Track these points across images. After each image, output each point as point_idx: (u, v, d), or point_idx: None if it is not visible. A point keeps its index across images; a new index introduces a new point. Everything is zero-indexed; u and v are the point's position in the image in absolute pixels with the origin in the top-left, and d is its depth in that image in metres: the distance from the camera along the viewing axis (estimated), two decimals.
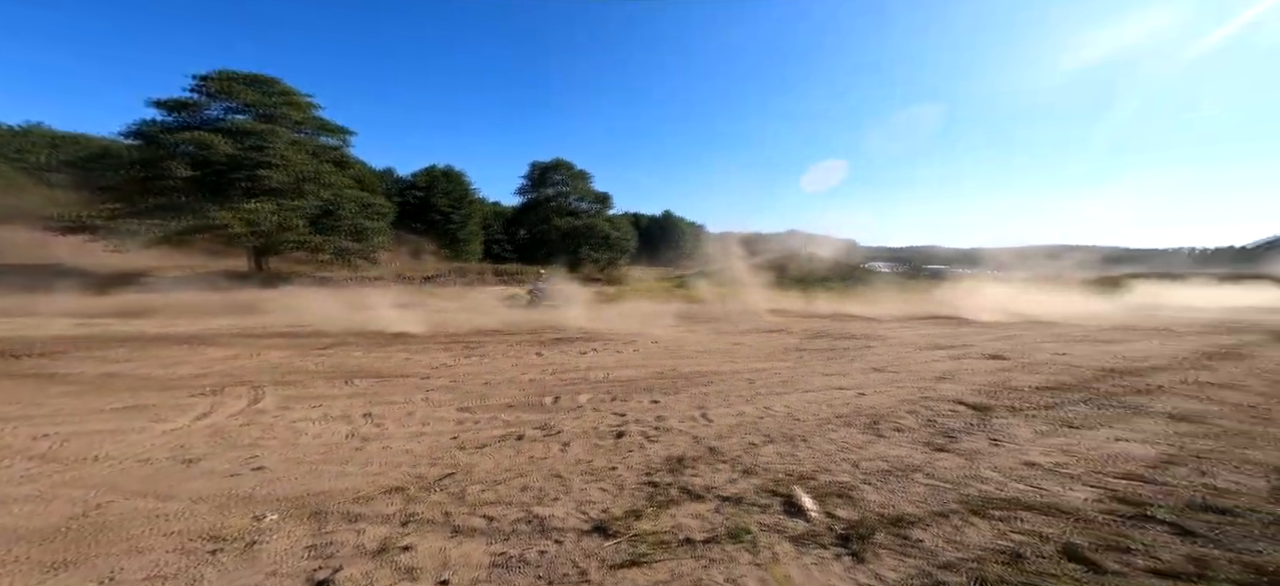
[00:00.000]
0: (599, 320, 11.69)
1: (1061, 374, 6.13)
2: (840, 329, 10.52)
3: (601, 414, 4.42)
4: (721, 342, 8.53)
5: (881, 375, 6.07)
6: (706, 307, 15.61)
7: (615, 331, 9.75)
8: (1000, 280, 23.84)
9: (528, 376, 5.83)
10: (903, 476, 3.13)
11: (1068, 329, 11.03)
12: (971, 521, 2.57)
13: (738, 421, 4.26)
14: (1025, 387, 5.40)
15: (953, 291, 19.73)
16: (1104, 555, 2.17)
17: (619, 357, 7.10)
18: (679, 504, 2.72)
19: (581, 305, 14.99)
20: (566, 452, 3.49)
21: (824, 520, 2.59)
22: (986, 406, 4.65)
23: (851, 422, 4.22)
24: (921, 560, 2.21)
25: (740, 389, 5.37)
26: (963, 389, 5.32)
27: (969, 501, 2.78)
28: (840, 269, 28.10)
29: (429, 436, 3.81)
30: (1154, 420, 4.27)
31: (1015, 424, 4.14)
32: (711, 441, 3.75)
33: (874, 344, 8.45)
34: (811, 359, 7.16)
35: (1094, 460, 3.39)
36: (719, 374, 6.10)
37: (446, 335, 9.04)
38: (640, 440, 3.77)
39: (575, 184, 37.93)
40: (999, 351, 7.72)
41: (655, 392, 5.16)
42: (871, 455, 3.51)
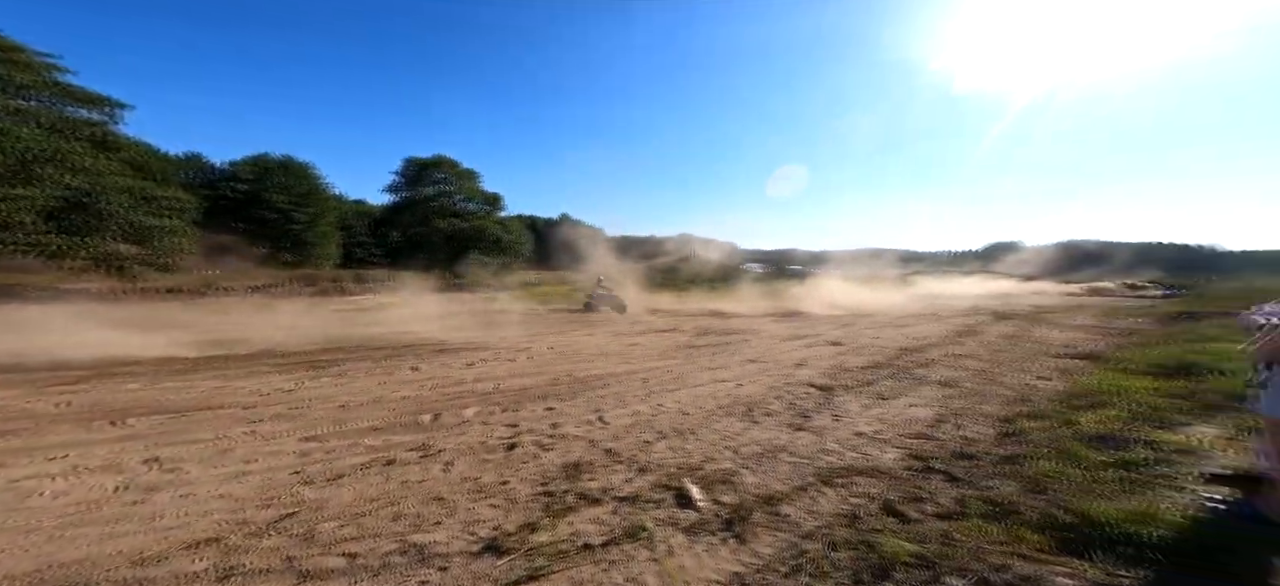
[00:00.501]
0: (491, 328, 10.83)
1: (877, 355, 7.41)
2: (723, 326, 11.25)
3: (491, 427, 4.07)
4: (618, 344, 8.56)
5: (755, 366, 6.72)
6: (589, 311, 14.99)
7: (507, 339, 9.07)
8: (839, 278, 28.01)
9: (400, 394, 5.07)
10: (772, 457, 3.48)
11: (880, 317, 13.42)
12: (824, 491, 2.96)
13: (633, 421, 4.33)
14: (855, 368, 6.43)
15: (805, 289, 22.67)
16: (908, 506, 2.65)
17: (511, 366, 6.62)
18: (576, 510, 2.65)
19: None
20: (450, 473, 3.13)
21: (712, 508, 2.77)
22: (830, 387, 5.42)
23: (732, 412, 4.57)
24: (789, 533, 2.47)
25: (635, 389, 5.47)
26: (814, 373, 6.13)
27: (821, 473, 3.20)
28: (723, 270, 30.47)
29: (257, 474, 3.10)
30: (931, 387, 5.39)
31: (849, 400, 4.90)
32: (608, 443, 3.74)
33: (750, 338, 9.30)
34: (699, 355, 7.62)
35: (897, 424, 4.14)
36: (615, 376, 6.14)
37: (283, 354, 7.40)
38: (534, 450, 3.58)
39: (461, 183, 33.48)
40: (837, 339, 9.06)
41: (550, 399, 4.97)
42: (748, 441, 3.84)
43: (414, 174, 33.50)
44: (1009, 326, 10.83)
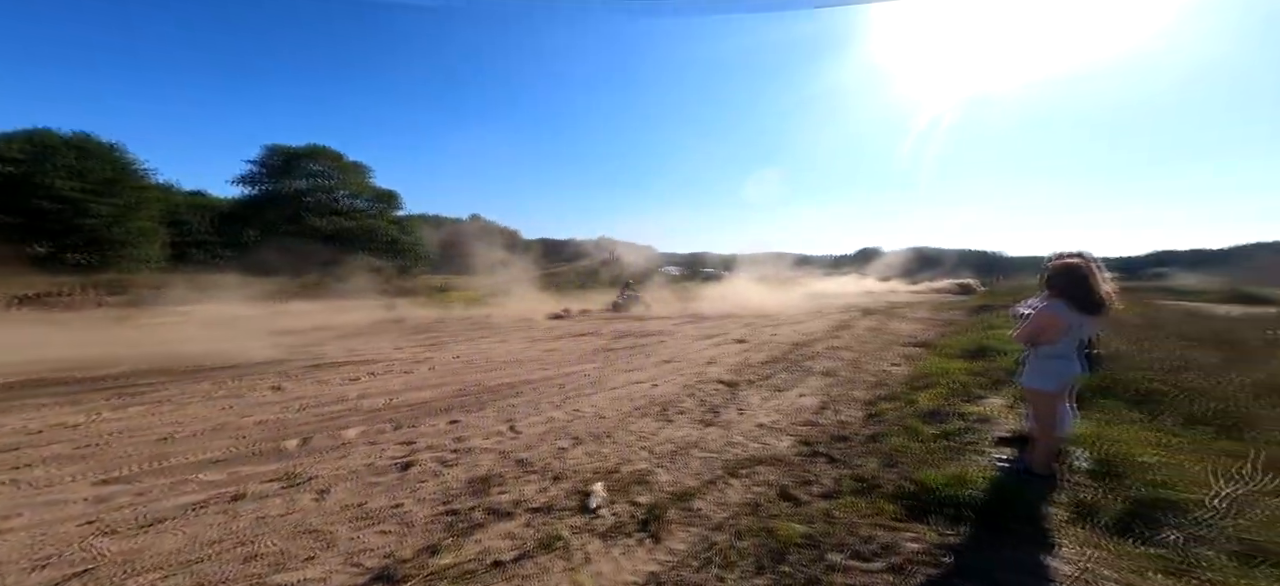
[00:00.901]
0: (382, 338, 9.68)
1: (775, 350, 8.26)
2: (641, 328, 11.49)
3: (380, 447, 3.71)
4: (535, 350, 8.29)
5: (670, 366, 7.02)
6: (492, 315, 14.05)
7: (405, 350, 8.20)
8: (746, 280, 30.42)
9: (253, 420, 4.34)
10: (685, 454, 3.68)
11: (778, 315, 14.96)
12: (731, 483, 3.21)
13: (547, 428, 4.25)
14: (757, 363, 7.09)
15: (717, 290, 24.24)
16: (799, 489, 3.01)
17: (407, 379, 6.01)
18: (484, 527, 2.53)
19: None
20: (325, 502, 2.79)
21: (628, 509, 2.83)
22: (736, 382, 5.90)
23: (647, 412, 4.72)
24: (701, 527, 2.64)
25: (551, 395, 5.37)
26: (722, 370, 6.61)
27: (728, 465, 3.46)
28: (641, 273, 31.19)
29: (21, 532, 2.50)
30: (816, 377, 6.18)
31: (752, 394, 5.39)
32: (520, 453, 3.63)
33: (666, 339, 9.67)
34: (617, 358, 7.72)
35: (790, 413, 4.68)
36: (530, 382, 5.95)
37: (71, 380, 5.89)
38: (434, 467, 3.34)
39: (346, 178, 29.26)
40: (743, 337, 9.88)
41: (455, 412, 4.65)
42: (662, 439, 4.00)
43: (280, 165, 28.13)
44: (872, 321, 12.85)
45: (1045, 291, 2.48)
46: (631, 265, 32.55)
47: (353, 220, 29.24)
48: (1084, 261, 2.34)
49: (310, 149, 29.21)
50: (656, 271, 35.20)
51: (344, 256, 26.39)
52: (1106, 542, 1.87)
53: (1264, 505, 1.98)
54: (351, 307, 14.10)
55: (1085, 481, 2.34)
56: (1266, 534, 1.81)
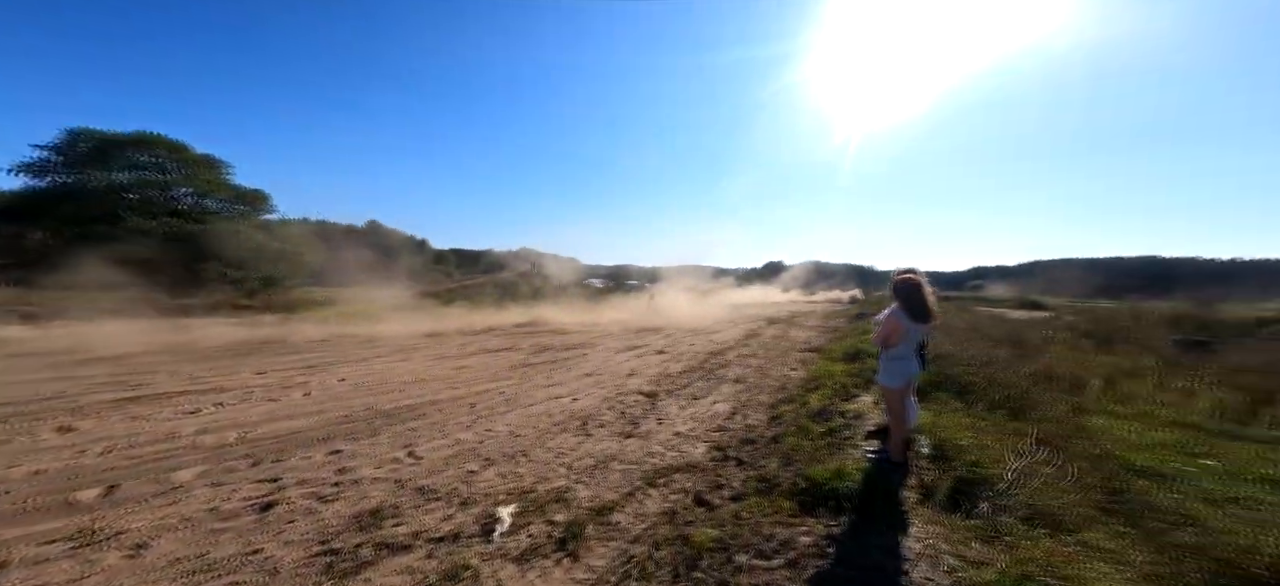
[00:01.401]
0: (243, 360, 8.24)
1: (692, 360, 8.68)
2: (563, 341, 11.28)
3: (228, 488, 3.21)
4: (443, 368, 7.67)
5: (591, 379, 7.00)
6: (393, 331, 12.47)
7: (273, 373, 7.02)
8: (667, 291, 31.44)
9: (24, 469, 3.39)
10: (604, 467, 3.69)
11: (696, 326, 15.78)
12: (649, 493, 3.29)
13: (454, 451, 3.99)
14: (675, 373, 7.39)
15: (640, 301, 24.74)
16: (712, 494, 3.21)
17: (272, 407, 5.22)
18: (374, 564, 2.31)
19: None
20: (142, 558, 2.34)
21: (544, 529, 2.76)
22: (655, 393, 6.08)
23: (567, 428, 4.66)
24: (619, 540, 2.67)
25: (460, 415, 5.04)
26: (642, 382, 6.77)
27: (647, 476, 3.56)
28: (566, 285, 30.55)
29: None
30: (729, 385, 6.65)
31: (670, 404, 5.60)
32: (421, 480, 3.36)
33: (588, 352, 9.61)
34: (536, 373, 7.48)
35: (705, 421, 4.97)
36: (436, 403, 5.52)
37: None
38: (308, 505, 2.97)
39: (192, 173, 24.19)
40: (663, 348, 10.23)
41: (337, 441, 4.16)
42: (582, 454, 3.98)
43: (88, 153, 22.23)
44: (776, 330, 14.20)
45: (892, 302, 3.01)
46: (555, 277, 31.84)
47: (200, 223, 24.08)
48: (916, 277, 2.88)
49: (137, 136, 23.51)
50: (581, 283, 34.88)
51: (187, 265, 21.51)
52: (942, 518, 2.31)
53: (1039, 474, 2.62)
54: (195, 326, 11.59)
55: (927, 465, 2.86)
56: (1042, 499, 2.40)
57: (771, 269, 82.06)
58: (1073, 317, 15.30)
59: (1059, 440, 3.49)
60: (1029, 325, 12.83)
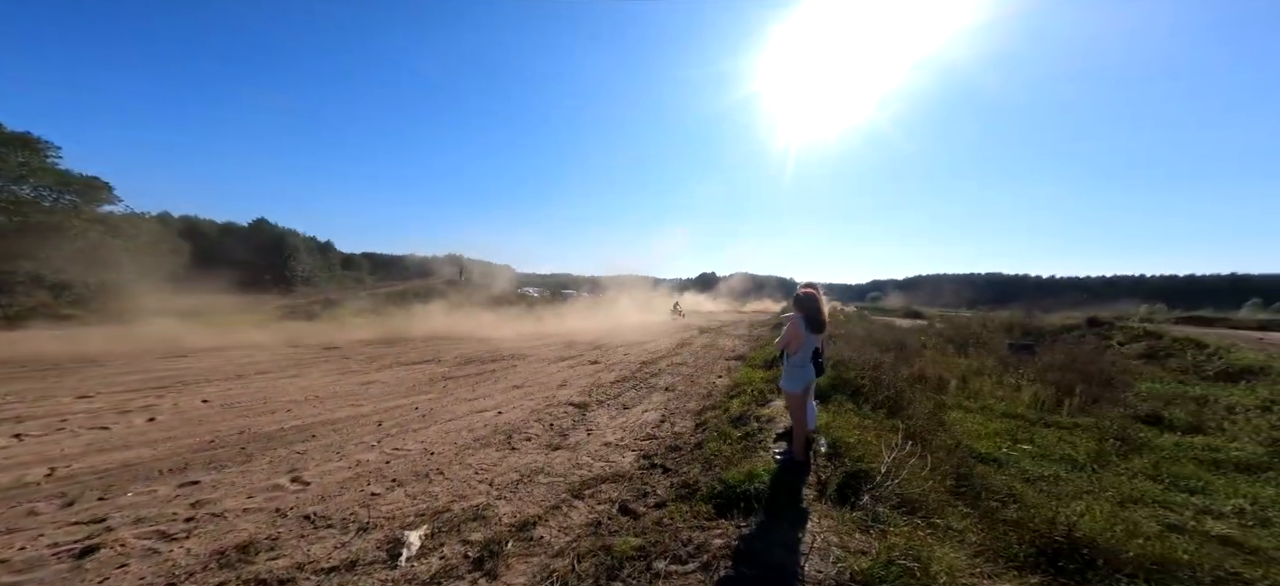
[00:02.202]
0: (60, 380, 6.95)
1: (625, 370, 8.75)
2: (491, 352, 10.78)
3: (28, 534, 2.66)
4: (345, 385, 6.91)
5: (520, 391, 6.76)
6: (280, 342, 11.20)
7: (102, 395, 5.85)
8: (605, 300, 31.30)
9: None
10: (529, 482, 3.60)
11: (631, 335, 15.93)
12: (574, 505, 3.27)
13: (354, 473, 3.65)
14: (607, 383, 7.41)
15: (577, 310, 24.37)
16: (638, 502, 3.28)
17: (101, 436, 4.40)
18: None
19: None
20: None
21: (459, 550, 2.62)
22: (586, 404, 6.05)
23: (489, 443, 4.46)
24: (541, 555, 2.62)
25: (363, 434, 4.61)
26: (573, 392, 6.69)
27: (573, 488, 3.53)
28: (500, 293, 29.03)
29: None
30: (659, 393, 6.83)
31: (601, 414, 5.61)
32: (309, 508, 3.04)
33: (518, 363, 9.25)
34: (458, 386, 7.04)
35: (634, 430, 5.05)
36: (332, 422, 4.99)
37: None
38: (148, 545, 2.56)
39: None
40: (596, 358, 10.22)
41: (194, 470, 3.63)
42: (505, 469, 3.84)
43: None
44: (707, 338, 14.88)
45: (794, 312, 3.30)
46: (489, 284, 30.24)
47: (9, 214, 19.18)
48: (814, 290, 3.20)
49: None
50: (517, 291, 33.48)
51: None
52: (833, 512, 2.60)
53: (907, 465, 3.07)
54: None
55: (824, 463, 3.21)
56: (909, 488, 2.81)
57: (706, 280, 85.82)
58: (941, 326, 18.07)
59: (924, 434, 4.11)
60: (910, 332, 14.88)
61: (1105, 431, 5.17)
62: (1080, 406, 6.40)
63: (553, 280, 57.90)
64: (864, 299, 62.88)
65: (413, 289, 26.61)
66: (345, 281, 44.63)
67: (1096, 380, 7.40)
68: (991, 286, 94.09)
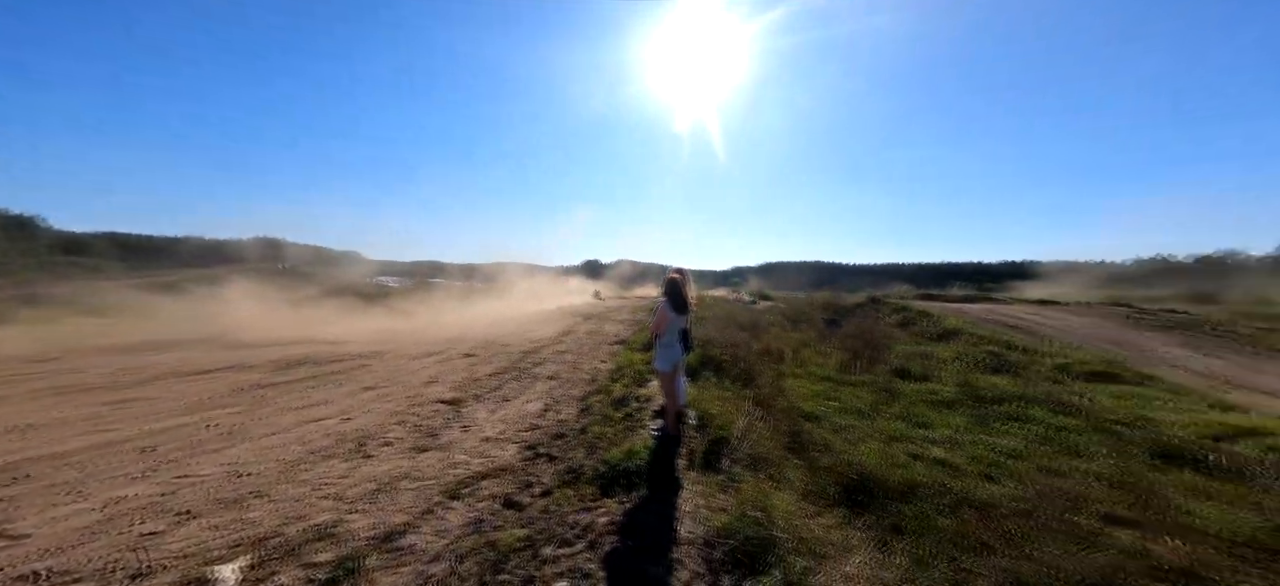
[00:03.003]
0: None
1: (505, 361, 8.36)
2: (329, 353, 9.02)
3: None
4: (82, 406, 5.12)
5: (373, 393, 5.89)
6: None
7: None
8: (484, 289, 28.72)
9: None
10: (391, 489, 3.24)
11: (511, 324, 15.15)
12: (451, 507, 3.07)
13: (106, 514, 2.84)
14: (485, 376, 6.98)
15: (451, 302, 21.85)
16: (522, 494, 3.25)
17: None
18: None
19: None
20: None
21: (300, 575, 2.26)
22: (460, 399, 5.61)
23: (333, 454, 3.85)
24: (414, 563, 2.42)
25: (120, 465, 3.56)
26: (444, 389, 6.12)
27: (448, 489, 3.30)
28: (344, 283, 24.14)
29: None
30: (542, 383, 6.74)
31: (478, 409, 5.28)
32: (28, 565, 2.29)
33: (370, 363, 7.96)
34: (281, 394, 5.79)
35: (516, 421, 4.92)
36: (61, 456, 3.73)
37: None
38: None
39: None
40: (472, 350, 9.46)
41: None
42: (358, 480, 3.38)
43: None
44: (591, 325, 15.11)
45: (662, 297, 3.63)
46: (331, 274, 24.93)
47: None
48: (681, 274, 3.58)
49: None
50: (371, 282, 28.41)
51: None
52: (701, 478, 3.02)
53: (756, 429, 3.74)
54: None
55: (694, 434, 3.68)
56: (757, 448, 3.43)
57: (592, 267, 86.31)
58: (784, 306, 21.91)
59: (769, 400, 5.03)
60: (762, 313, 17.67)
61: (877, 385, 7.05)
62: (864, 367, 8.56)
63: (420, 268, 50.84)
64: (727, 283, 72.12)
65: (190, 278, 20.26)
66: (65, 269, 31.87)
67: (873, 346, 9.97)
68: (818, 271, 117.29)
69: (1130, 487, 3.60)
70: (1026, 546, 2.70)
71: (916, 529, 2.95)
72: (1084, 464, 4.18)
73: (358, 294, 23.91)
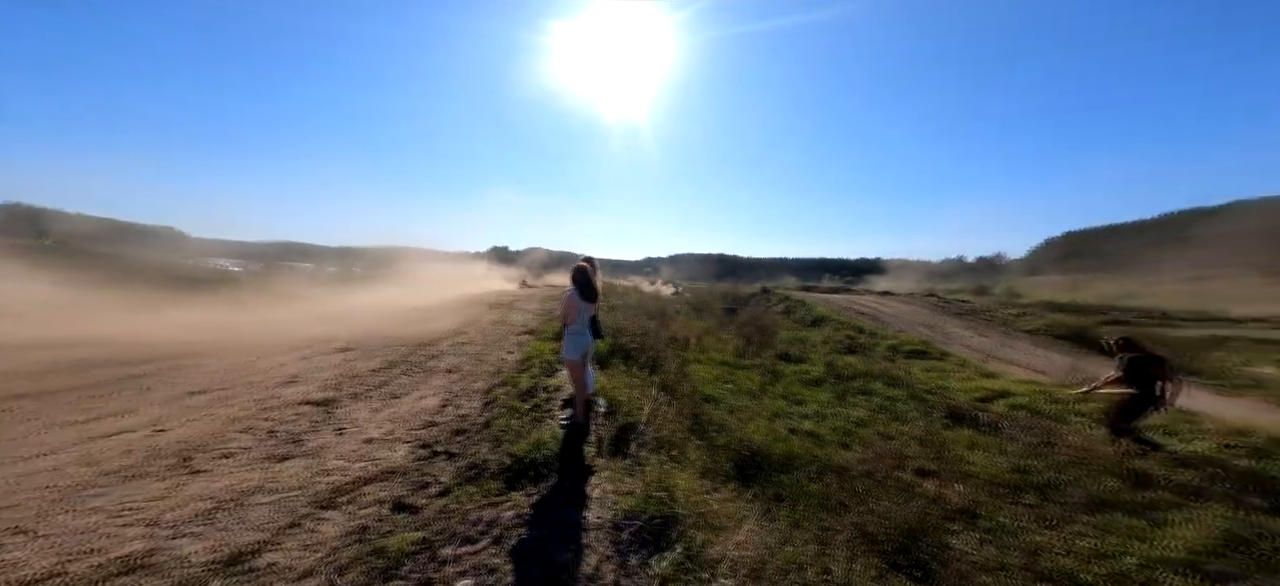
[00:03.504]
0: None
1: (392, 354, 7.45)
2: (133, 353, 7.05)
3: None
4: None
5: (203, 398, 4.81)
6: None
7: None
8: (365, 276, 24.84)
9: None
10: (236, 506, 2.74)
11: (399, 315, 13.49)
12: (325, 517, 2.70)
13: None
14: (365, 372, 6.15)
15: (323, 290, 18.51)
16: (416, 495, 2.99)
17: None
18: None
19: None
20: None
21: None
22: (333, 399, 4.89)
23: (142, 473, 3.11)
24: (277, 581, 2.09)
25: None
26: (311, 388, 5.25)
27: (320, 499, 2.89)
28: (155, 266, 18.73)
29: None
30: (440, 376, 6.20)
31: (359, 408, 4.67)
32: None
33: (204, 361, 6.48)
34: (49, 406, 4.44)
35: (407, 419, 4.47)
36: None
37: None
38: None
39: None
40: (348, 344, 8.24)
41: None
42: (185, 499, 2.79)
43: None
44: (497, 314, 14.25)
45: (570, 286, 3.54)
46: (129, 253, 19.21)
47: None
48: (589, 263, 3.63)
49: None
50: (204, 265, 22.60)
51: None
52: (610, 463, 3.13)
53: (661, 413, 3.99)
54: None
55: (604, 421, 3.78)
56: (662, 431, 3.67)
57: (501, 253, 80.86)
58: (690, 295, 23.41)
59: (674, 384, 5.39)
60: (671, 302, 18.66)
61: (765, 368, 8.02)
62: (756, 351, 9.66)
63: (274, 250, 41.90)
64: (642, 273, 73.90)
65: None
66: None
67: (763, 332, 11.29)
68: (721, 263, 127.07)
69: (932, 444, 4.70)
70: (869, 501, 3.37)
71: (793, 495, 3.48)
72: (905, 428, 5.32)
73: (182, 279, 18.95)
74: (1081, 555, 2.92)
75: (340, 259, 37.97)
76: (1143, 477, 3.96)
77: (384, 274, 26.93)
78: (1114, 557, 2.89)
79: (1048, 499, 3.69)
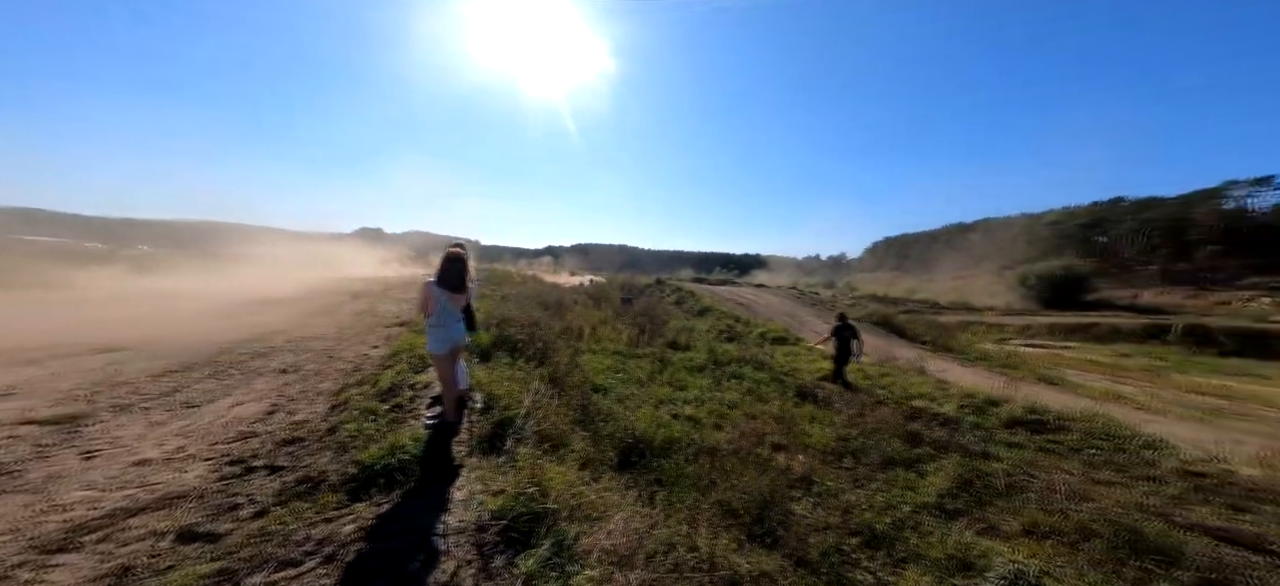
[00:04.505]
0: None
1: (191, 355, 5.84)
2: None
3: None
4: None
5: None
6: None
7: None
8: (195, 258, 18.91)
9: None
10: None
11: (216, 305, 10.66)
12: (54, 563, 1.99)
13: None
14: (141, 379, 4.70)
15: (102, 271, 13.46)
16: (218, 521, 2.37)
17: None
18: None
19: None
20: None
21: None
22: (78, 416, 3.63)
23: None
24: None
25: None
26: (36, 403, 3.82)
27: (45, 544, 2.12)
28: None
29: None
30: (267, 378, 5.07)
31: (123, 424, 3.54)
32: None
33: None
34: None
35: (212, 432, 3.55)
36: None
37: None
38: None
39: None
40: (130, 342, 6.21)
41: None
42: None
43: None
44: (362, 304, 12.24)
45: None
46: None
47: None
48: (460, 251, 3.28)
49: None
50: None
51: None
52: (482, 462, 2.91)
53: (545, 407, 3.87)
54: None
55: (479, 417, 3.51)
56: (545, 425, 3.55)
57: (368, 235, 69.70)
58: (589, 286, 23.34)
59: (564, 376, 5.29)
60: (568, 292, 18.31)
61: (654, 357, 8.42)
62: (648, 340, 10.06)
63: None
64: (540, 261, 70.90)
65: None
66: None
67: (655, 322, 11.85)
68: (624, 254, 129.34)
69: (784, 421, 5.46)
70: (734, 478, 3.74)
71: (672, 479, 3.68)
72: (766, 407, 6.09)
73: None
74: (877, 508, 3.69)
75: (111, 234, 28.44)
76: (913, 437, 5.19)
77: (197, 255, 21.07)
78: (896, 507, 3.72)
79: (859, 462, 4.58)
